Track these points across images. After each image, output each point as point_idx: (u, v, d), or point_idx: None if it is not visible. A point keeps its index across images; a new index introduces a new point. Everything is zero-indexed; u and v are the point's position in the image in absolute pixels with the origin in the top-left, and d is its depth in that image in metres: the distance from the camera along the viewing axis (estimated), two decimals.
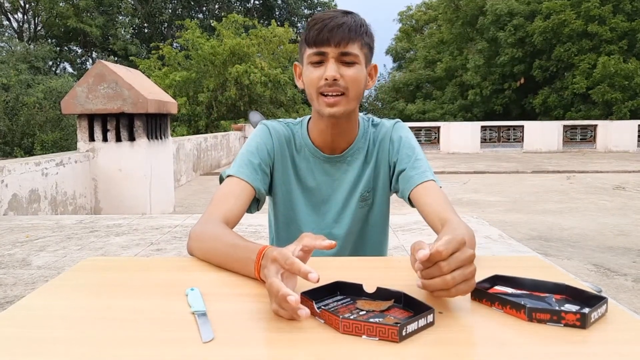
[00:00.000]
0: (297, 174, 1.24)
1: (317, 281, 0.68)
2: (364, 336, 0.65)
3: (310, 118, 1.27)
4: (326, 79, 1.08)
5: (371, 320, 0.68)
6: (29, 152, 16.09)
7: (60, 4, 26.65)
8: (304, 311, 0.66)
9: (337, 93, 1.09)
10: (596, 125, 16.92)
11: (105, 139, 5.58)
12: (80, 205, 5.36)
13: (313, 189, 1.24)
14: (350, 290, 0.80)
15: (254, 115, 14.43)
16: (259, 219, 3.67)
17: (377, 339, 0.64)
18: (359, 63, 1.10)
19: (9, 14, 27.88)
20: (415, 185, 1.17)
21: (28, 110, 16.52)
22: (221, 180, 1.19)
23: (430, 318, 0.68)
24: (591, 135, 16.91)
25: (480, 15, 23.20)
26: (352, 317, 0.69)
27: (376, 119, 1.30)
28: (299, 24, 32.53)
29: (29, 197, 4.50)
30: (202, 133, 16.52)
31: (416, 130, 17.13)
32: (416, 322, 0.66)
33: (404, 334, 0.64)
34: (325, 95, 1.10)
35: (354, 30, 1.08)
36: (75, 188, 5.28)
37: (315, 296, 0.76)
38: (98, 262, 1.03)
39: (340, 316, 0.67)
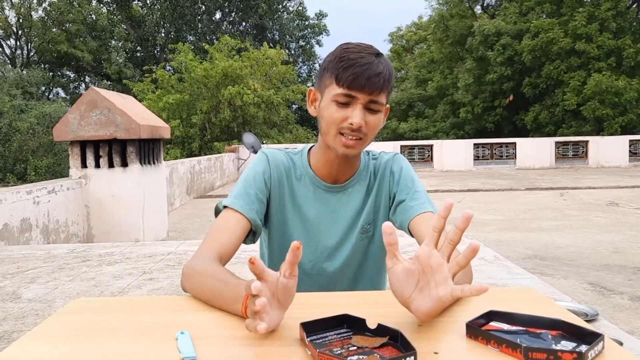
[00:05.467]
0: (294, 203, 1.23)
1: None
2: None
3: (310, 148, 1.26)
4: (351, 124, 1.08)
5: (351, 357, 0.68)
6: (22, 177, 16.00)
7: (53, 30, 26.83)
8: (263, 326, 0.71)
9: (357, 137, 1.10)
10: (588, 141, 17.06)
11: (97, 165, 5.56)
12: (73, 232, 5.31)
13: (312, 219, 1.23)
14: (355, 324, 0.80)
15: (248, 137, 14.47)
16: (253, 245, 3.63)
17: None
18: (381, 110, 1.12)
19: (1, 40, 28.02)
20: (414, 216, 1.17)
21: (21, 136, 16.47)
22: (216, 211, 1.18)
23: None
24: (583, 151, 17.04)
25: (469, 36, 23.54)
26: (336, 353, 0.69)
27: (374, 152, 1.31)
28: (291, 45, 32.88)
29: (20, 226, 4.46)
30: (195, 155, 16.52)
31: (409, 149, 17.21)
32: None
33: None
34: (345, 136, 1.10)
35: (387, 80, 1.09)
36: (68, 215, 5.23)
37: (321, 327, 0.78)
38: (87, 303, 1.01)
39: (318, 350, 0.68)
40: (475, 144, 17.38)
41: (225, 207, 1.14)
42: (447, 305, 0.81)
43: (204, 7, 29.84)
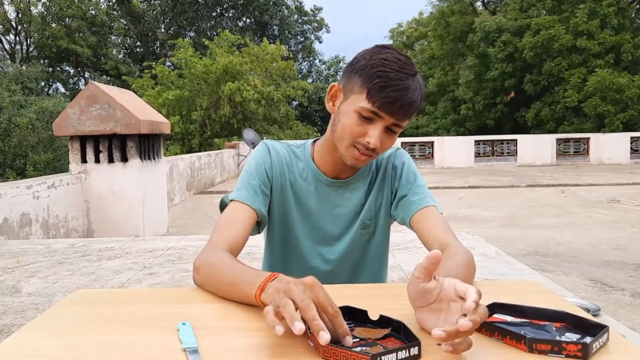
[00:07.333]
0: (296, 196, 1.23)
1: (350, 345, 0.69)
2: None
3: (314, 141, 1.26)
4: (368, 143, 1.06)
5: (356, 348, 0.68)
6: (21, 173, 15.97)
7: (52, 25, 26.79)
8: (281, 328, 0.67)
9: (369, 155, 1.09)
10: (589, 138, 17.04)
11: (97, 160, 5.55)
12: (73, 227, 5.30)
13: (312, 212, 1.23)
14: (356, 316, 0.80)
15: (248, 133, 14.44)
16: (252, 240, 3.63)
17: None
18: (398, 132, 1.10)
19: (0, 35, 27.97)
20: (416, 210, 1.17)
21: (21, 132, 16.44)
22: (221, 206, 1.18)
23: (414, 351, 0.67)
24: (584, 148, 17.02)
25: (470, 32, 23.50)
26: (338, 344, 0.69)
27: None
28: (291, 41, 32.81)
29: (20, 221, 4.45)
30: (195, 151, 16.49)
31: (410, 146, 17.20)
32: (394, 354, 0.65)
33: None
34: (357, 149, 1.09)
35: (417, 108, 1.07)
36: (67, 210, 5.22)
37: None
38: (88, 295, 1.00)
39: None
40: (476, 141, 17.37)
41: (231, 200, 1.15)
42: None
43: (203, 2, 29.77)
